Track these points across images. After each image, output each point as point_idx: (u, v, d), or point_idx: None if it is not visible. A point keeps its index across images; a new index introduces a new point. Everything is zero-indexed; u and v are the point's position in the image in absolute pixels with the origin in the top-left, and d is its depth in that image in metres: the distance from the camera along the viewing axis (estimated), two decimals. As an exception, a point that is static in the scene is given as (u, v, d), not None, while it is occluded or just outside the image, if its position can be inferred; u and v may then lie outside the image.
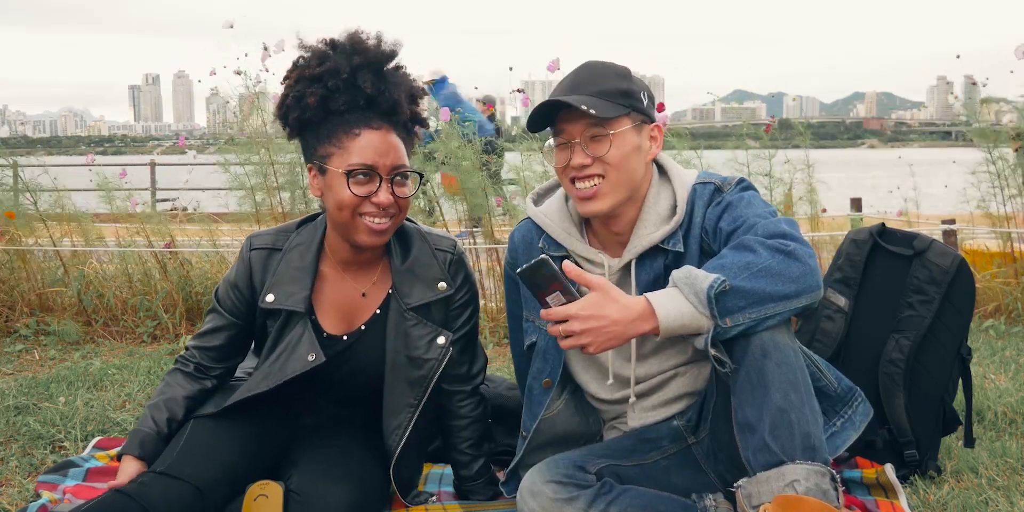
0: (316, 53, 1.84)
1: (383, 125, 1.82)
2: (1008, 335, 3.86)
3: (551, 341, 1.85)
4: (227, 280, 1.97)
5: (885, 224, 2.34)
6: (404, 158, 1.84)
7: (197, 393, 1.95)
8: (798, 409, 1.53)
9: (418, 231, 1.97)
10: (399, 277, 1.91)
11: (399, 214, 1.84)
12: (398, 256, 1.93)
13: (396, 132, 1.84)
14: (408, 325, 1.90)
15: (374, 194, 1.79)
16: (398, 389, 1.91)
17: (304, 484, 1.76)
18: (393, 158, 1.80)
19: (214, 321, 1.98)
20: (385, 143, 1.80)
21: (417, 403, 1.91)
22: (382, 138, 1.80)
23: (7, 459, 2.39)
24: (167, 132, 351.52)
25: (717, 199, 1.75)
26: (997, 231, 4.46)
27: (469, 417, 2.01)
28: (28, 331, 4.05)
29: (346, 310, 1.94)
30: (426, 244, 1.95)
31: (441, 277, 1.92)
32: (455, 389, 1.99)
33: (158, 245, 4.40)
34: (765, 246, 1.56)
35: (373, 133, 1.80)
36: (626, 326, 1.53)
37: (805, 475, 1.49)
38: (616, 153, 1.71)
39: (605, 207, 1.74)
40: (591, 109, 1.66)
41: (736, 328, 1.53)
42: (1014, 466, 2.19)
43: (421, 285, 1.91)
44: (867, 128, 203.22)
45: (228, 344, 1.98)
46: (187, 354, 2.00)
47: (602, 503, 1.66)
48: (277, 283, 1.91)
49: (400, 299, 1.91)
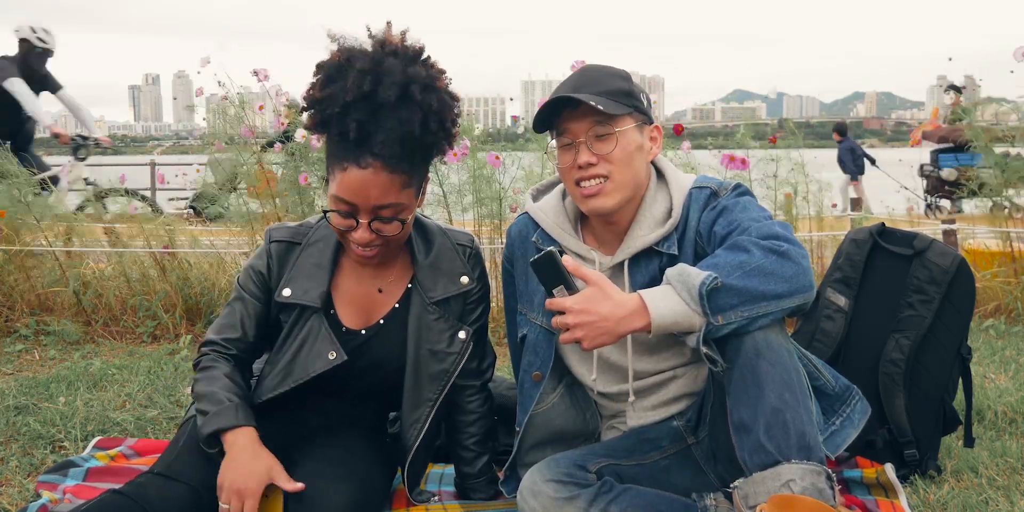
0: (327, 75, 1.72)
1: (372, 163, 1.69)
2: (1008, 335, 3.86)
3: (541, 334, 1.87)
4: (250, 267, 1.94)
5: (885, 224, 2.34)
6: (389, 196, 1.72)
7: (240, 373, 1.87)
8: (793, 409, 1.54)
9: (438, 227, 1.97)
10: (423, 271, 1.92)
11: (385, 245, 1.80)
12: (421, 251, 1.93)
13: (390, 169, 1.70)
14: (431, 319, 1.91)
15: (353, 229, 1.77)
16: (419, 383, 1.92)
17: (305, 484, 1.75)
18: (374, 198, 1.71)
19: (242, 309, 1.90)
20: (367, 181, 1.69)
21: (436, 397, 1.92)
22: (367, 177, 1.69)
23: (7, 459, 2.39)
24: (167, 132, 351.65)
25: (713, 203, 1.76)
26: (997, 231, 4.46)
27: (477, 412, 2.02)
28: (28, 331, 4.05)
29: (364, 304, 1.94)
30: (447, 239, 1.95)
31: (464, 271, 1.94)
32: (467, 383, 2.00)
33: (157, 247, 4.41)
34: (759, 246, 1.57)
35: (357, 171, 1.69)
36: (618, 322, 1.54)
37: (801, 475, 1.49)
38: (621, 151, 1.73)
39: (610, 204, 1.75)
40: (599, 105, 1.67)
41: (728, 326, 1.53)
42: (1014, 466, 2.19)
43: (444, 279, 1.92)
44: (867, 128, 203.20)
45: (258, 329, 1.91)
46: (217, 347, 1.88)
47: (603, 502, 1.66)
48: (295, 278, 1.90)
49: (423, 293, 1.91)
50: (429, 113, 1.71)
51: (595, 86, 1.73)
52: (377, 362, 1.93)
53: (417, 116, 1.70)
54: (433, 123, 1.72)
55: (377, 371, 1.94)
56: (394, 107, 1.68)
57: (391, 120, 1.68)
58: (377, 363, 1.93)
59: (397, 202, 1.75)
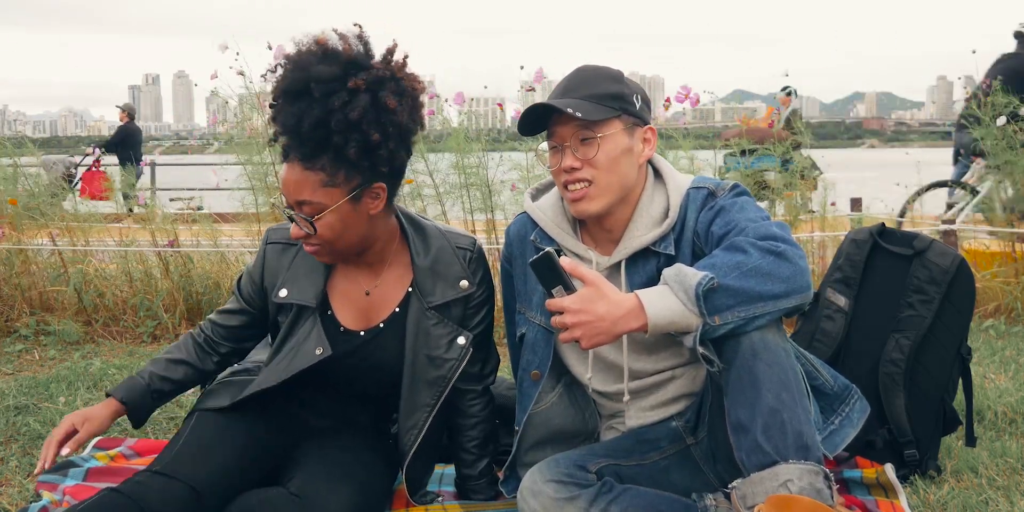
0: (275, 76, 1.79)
1: (297, 159, 1.74)
2: (1008, 335, 3.86)
3: (540, 333, 1.87)
4: (247, 269, 1.99)
5: (885, 224, 2.34)
6: (304, 193, 1.74)
7: (198, 362, 1.98)
8: (790, 409, 1.54)
9: (437, 228, 1.95)
10: (421, 274, 1.90)
11: (319, 245, 1.80)
12: (419, 253, 1.91)
13: (304, 165, 1.73)
14: (429, 324, 1.89)
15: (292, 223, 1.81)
16: (416, 388, 1.91)
17: (305, 485, 1.76)
18: (291, 193, 1.75)
19: (232, 303, 2.02)
20: (290, 178, 1.75)
21: (434, 403, 1.91)
22: (290, 172, 1.75)
23: (7, 459, 2.39)
24: (167, 132, 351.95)
25: (710, 203, 1.76)
26: (997, 231, 4.46)
27: (478, 416, 2.01)
28: (28, 331, 4.05)
29: (362, 306, 1.93)
30: (446, 241, 1.93)
31: (463, 275, 1.91)
32: (467, 388, 1.98)
33: (161, 244, 4.41)
34: (756, 247, 1.57)
35: (288, 165, 1.76)
36: (614, 322, 1.54)
37: (799, 475, 1.50)
38: (604, 156, 1.73)
39: (595, 209, 1.76)
40: (576, 112, 1.68)
41: (725, 327, 1.53)
42: (1014, 466, 2.19)
43: (443, 283, 1.90)
44: (867, 128, 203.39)
45: (240, 327, 2.01)
46: (204, 325, 2.03)
47: (603, 502, 1.66)
48: (291, 278, 1.91)
49: (422, 297, 1.90)
50: (332, 111, 1.70)
51: (584, 89, 1.74)
52: (376, 365, 1.93)
53: (314, 113, 1.70)
54: (335, 122, 1.69)
55: (376, 373, 1.94)
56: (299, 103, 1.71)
57: (292, 117, 1.71)
58: (376, 366, 1.93)
59: (311, 200, 1.74)
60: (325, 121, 1.70)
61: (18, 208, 4.44)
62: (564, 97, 1.75)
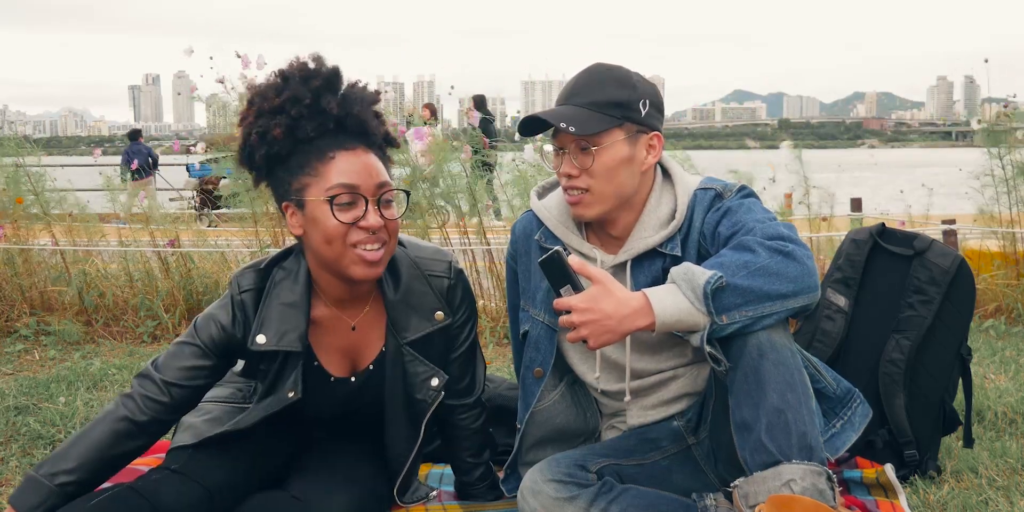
0: (270, 86, 1.70)
1: (357, 146, 1.69)
2: (1008, 335, 3.86)
3: (543, 330, 1.87)
4: (212, 316, 1.76)
5: (885, 224, 2.34)
6: (386, 176, 1.71)
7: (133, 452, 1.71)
8: (795, 409, 1.54)
9: (407, 256, 1.84)
10: (394, 310, 1.81)
11: (391, 240, 1.71)
12: (390, 286, 1.81)
13: (372, 152, 1.72)
14: (405, 361, 1.83)
15: (362, 218, 1.65)
16: (399, 422, 1.87)
17: (306, 490, 1.76)
18: (376, 177, 1.68)
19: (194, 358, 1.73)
20: (363, 162, 1.68)
21: (417, 435, 1.88)
22: (359, 158, 1.68)
23: (7, 459, 2.39)
24: (167, 132, 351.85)
25: (717, 205, 1.76)
26: (998, 231, 4.46)
27: (470, 429, 1.99)
28: (28, 331, 4.06)
29: (348, 350, 1.85)
30: (417, 270, 1.83)
31: (437, 306, 1.83)
32: (457, 403, 1.95)
33: (162, 244, 4.41)
34: (764, 247, 1.57)
35: (348, 154, 1.67)
36: (621, 320, 1.54)
37: (801, 475, 1.50)
38: (601, 166, 1.72)
39: (590, 215, 1.77)
40: (571, 126, 1.67)
41: (732, 326, 1.54)
42: (1014, 466, 2.19)
43: (417, 317, 1.82)
44: (867, 128, 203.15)
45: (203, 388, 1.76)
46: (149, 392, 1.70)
47: (603, 502, 1.66)
48: (266, 322, 1.74)
49: (397, 334, 1.82)
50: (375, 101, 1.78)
51: (588, 94, 1.72)
52: (369, 403, 1.90)
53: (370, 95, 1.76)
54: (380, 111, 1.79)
55: (369, 409, 1.91)
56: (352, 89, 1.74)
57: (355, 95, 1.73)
58: (369, 403, 1.90)
59: (391, 183, 1.73)
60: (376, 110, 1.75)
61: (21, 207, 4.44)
62: (567, 102, 1.73)
